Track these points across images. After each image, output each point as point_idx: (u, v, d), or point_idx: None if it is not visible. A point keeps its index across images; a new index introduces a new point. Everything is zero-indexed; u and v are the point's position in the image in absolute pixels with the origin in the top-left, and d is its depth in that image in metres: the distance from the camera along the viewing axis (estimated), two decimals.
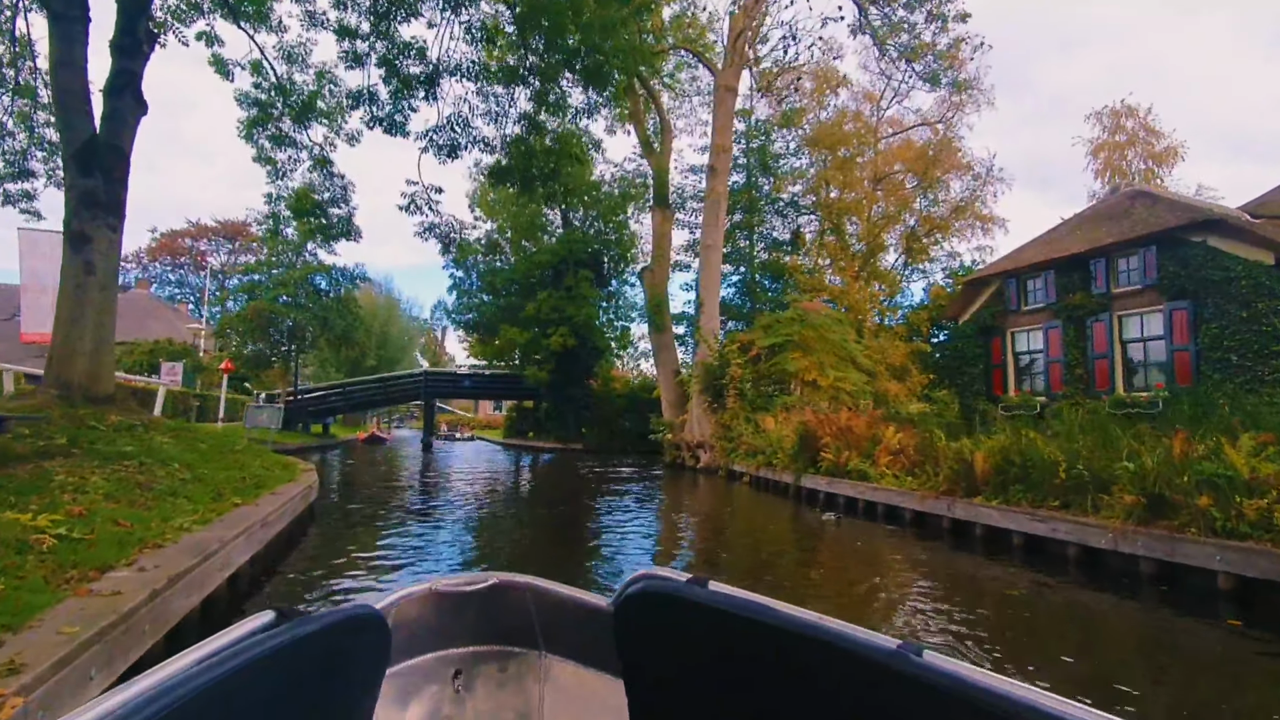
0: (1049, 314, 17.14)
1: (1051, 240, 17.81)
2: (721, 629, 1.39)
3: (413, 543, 8.76)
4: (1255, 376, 12.98)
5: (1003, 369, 18.34)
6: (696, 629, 1.47)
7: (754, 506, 13.61)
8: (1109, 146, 34.37)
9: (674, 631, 1.53)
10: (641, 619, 1.58)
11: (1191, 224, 14.30)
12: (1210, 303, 13.71)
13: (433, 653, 1.89)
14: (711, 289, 21.20)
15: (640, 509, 13.55)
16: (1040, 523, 7.91)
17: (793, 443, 14.32)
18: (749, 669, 1.37)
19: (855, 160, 27.50)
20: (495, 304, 32.87)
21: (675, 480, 19.22)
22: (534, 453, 31.98)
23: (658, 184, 25.42)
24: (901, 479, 10.92)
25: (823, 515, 11.68)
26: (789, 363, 19.76)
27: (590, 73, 13.12)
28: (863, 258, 27.65)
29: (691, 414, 21.07)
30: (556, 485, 19.22)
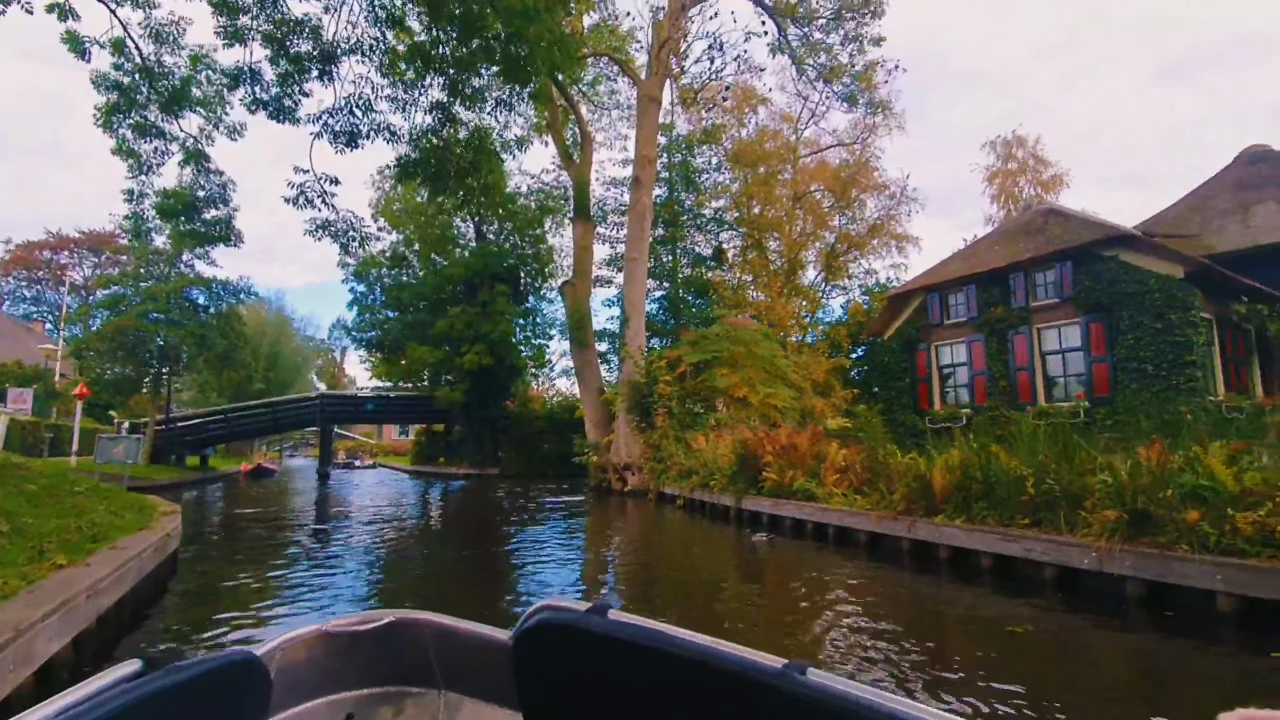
0: (971, 328, 17.33)
1: (971, 255, 18.12)
2: (619, 658, 1.41)
3: (302, 596, 7.13)
4: (1170, 386, 13.35)
5: (928, 383, 18.40)
6: (594, 659, 1.47)
7: (690, 532, 12.60)
8: (1003, 174, 36.60)
9: (572, 663, 1.53)
10: (541, 652, 1.57)
11: (1105, 240, 14.74)
12: (1125, 315, 14.08)
13: (323, 698, 1.82)
14: (637, 304, 20.29)
15: (563, 540, 12.25)
16: (1012, 542, 7.31)
17: (731, 462, 13.47)
18: (644, 697, 1.39)
19: (776, 178, 27.68)
20: (402, 321, 30.61)
21: (601, 505, 17.97)
22: (445, 480, 29.78)
23: (578, 195, 24.40)
24: (850, 498, 10.23)
25: (754, 537, 10.90)
26: (718, 379, 19.06)
27: (511, 63, 11.94)
28: (785, 274, 27.72)
29: (618, 434, 19.94)
30: (469, 515, 17.53)
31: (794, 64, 24.70)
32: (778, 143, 28.12)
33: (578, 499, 19.59)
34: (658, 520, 14.78)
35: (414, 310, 30.29)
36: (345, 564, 9.26)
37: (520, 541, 12.16)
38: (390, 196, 30.44)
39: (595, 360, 23.23)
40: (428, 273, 29.48)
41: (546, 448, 30.65)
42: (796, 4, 22.92)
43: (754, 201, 28.05)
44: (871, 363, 26.71)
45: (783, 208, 27.43)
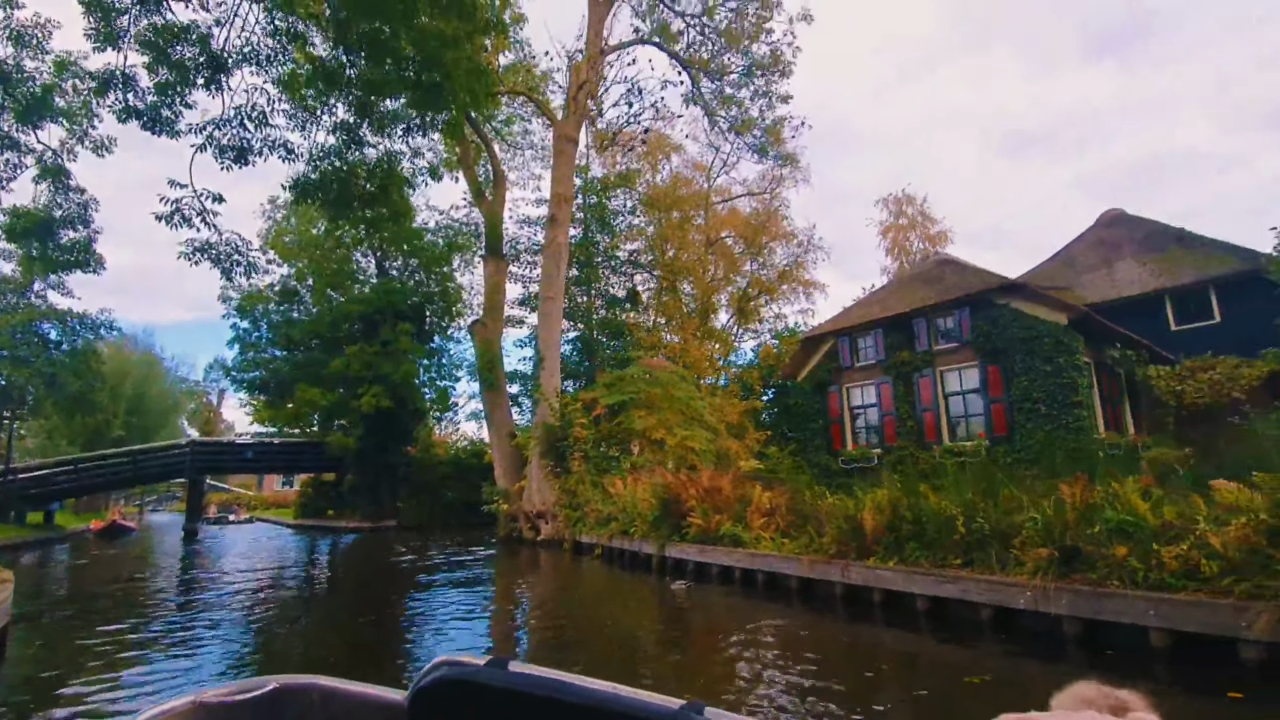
0: (880, 370, 17.92)
1: (877, 301, 18.90)
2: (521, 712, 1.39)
3: (159, 678, 5.90)
4: (1060, 425, 14.19)
5: (840, 424, 18.78)
6: (496, 714, 1.44)
7: (608, 584, 11.86)
8: (895, 228, 39.22)
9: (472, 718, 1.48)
10: (439, 710, 1.51)
11: (998, 288, 15.73)
12: (1018, 359, 14.96)
13: None
14: (552, 344, 19.64)
15: (468, 596, 11.23)
16: (949, 584, 7.19)
17: (652, 508, 12.92)
18: None
19: (689, 223, 28.21)
20: (290, 360, 28.25)
21: (512, 557, 16.82)
22: (334, 534, 27.25)
23: (490, 232, 23.70)
24: (778, 542, 9.94)
25: (672, 585, 10.40)
26: (634, 421, 18.62)
27: (426, 91, 11.33)
28: (698, 317, 28.00)
29: (530, 480, 18.95)
30: (362, 573, 15.91)
31: (707, 115, 25.52)
32: (690, 189, 28.81)
33: (485, 551, 18.30)
34: (573, 572, 13.92)
35: (305, 349, 28.06)
36: (213, 636, 7.90)
37: (419, 600, 11.00)
38: (282, 227, 28.43)
39: (506, 403, 22.22)
40: (322, 309, 27.51)
41: (451, 496, 28.88)
42: (709, 59, 23.79)
43: (668, 245, 28.41)
44: (785, 404, 27.20)
45: (696, 252, 27.92)
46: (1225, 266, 17.88)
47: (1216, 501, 6.14)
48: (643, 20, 23.81)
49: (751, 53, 22.25)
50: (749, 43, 21.94)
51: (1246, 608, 5.18)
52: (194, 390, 56.76)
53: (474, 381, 28.21)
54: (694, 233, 28.31)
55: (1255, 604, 5.13)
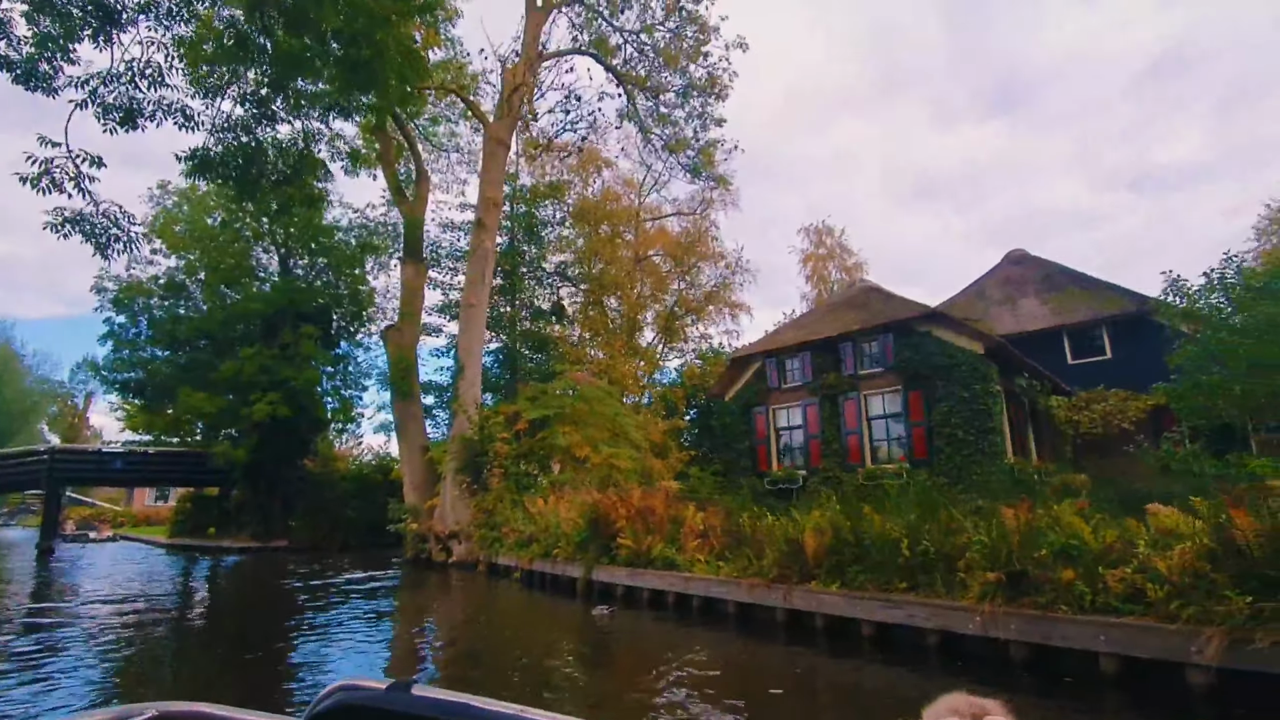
0: (806, 392, 18.07)
1: (805, 325, 19.15)
2: None
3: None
4: (977, 450, 14.66)
5: (767, 444, 18.76)
6: None
7: (528, 610, 11.04)
8: (815, 257, 40.58)
9: None
10: None
11: (920, 316, 16.22)
12: (939, 385, 15.41)
13: None
14: (473, 353, 18.61)
15: (370, 625, 10.23)
16: (894, 608, 6.96)
17: (579, 528, 12.22)
18: None
19: (618, 238, 27.90)
20: (173, 362, 25.55)
21: (420, 581, 15.58)
22: (216, 555, 24.63)
23: (410, 234, 22.42)
24: (713, 565, 9.51)
25: (594, 610, 9.88)
26: (559, 437, 17.88)
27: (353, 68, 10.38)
28: (624, 333, 27.60)
29: (444, 498, 17.74)
30: (246, 599, 14.26)
31: (641, 132, 25.41)
32: (620, 205, 28.58)
33: (390, 574, 16.90)
34: (488, 596, 12.96)
35: (192, 349, 25.46)
36: (68, 664, 6.60)
37: (313, 628, 9.84)
38: (172, 215, 25.80)
39: (420, 414, 20.88)
40: (214, 306, 25.07)
41: (352, 514, 26.83)
42: (646, 76, 23.75)
43: (596, 259, 27.95)
44: (707, 424, 27.11)
45: (625, 268, 27.61)
46: (1116, 307, 19.34)
47: (1153, 526, 6.24)
48: (580, 32, 23.54)
49: (689, 73, 22.37)
50: (687, 63, 22.04)
51: (1196, 633, 5.16)
52: (57, 392, 50.84)
53: (384, 391, 26.54)
54: (623, 249, 28.05)
55: (1205, 629, 5.13)
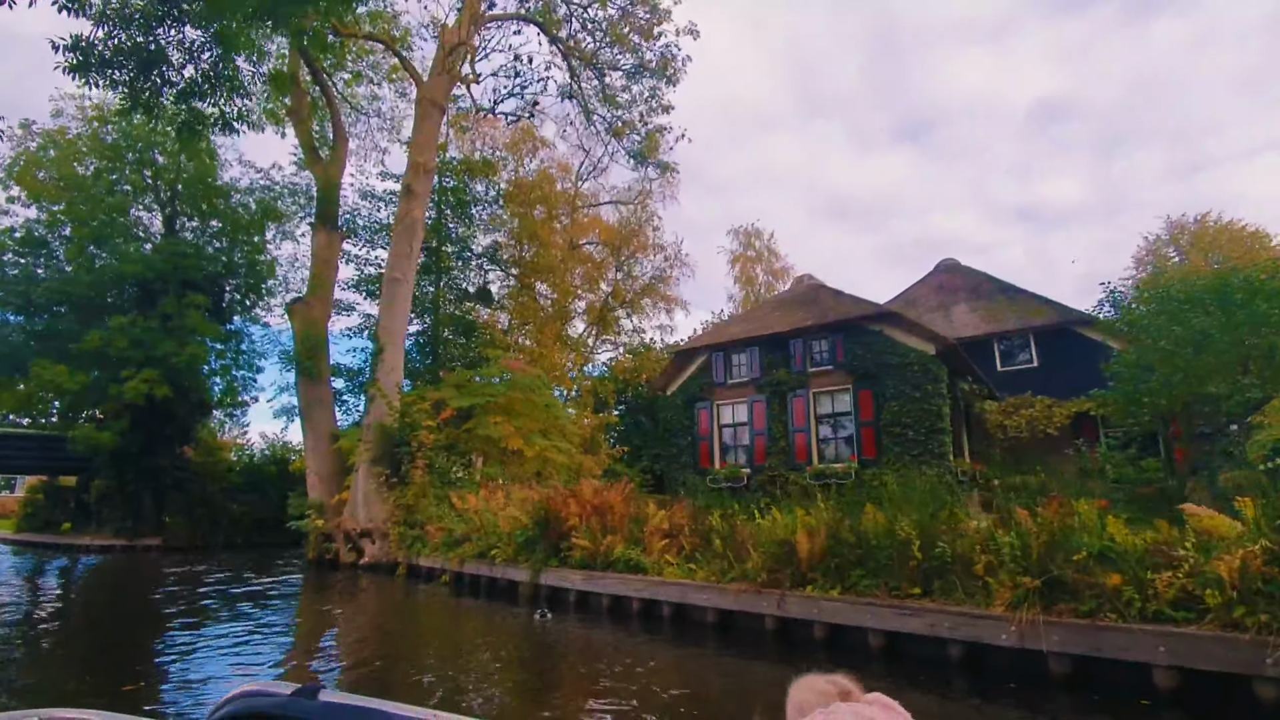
0: (753, 389, 17.47)
1: (752, 319, 18.57)
2: None
3: None
4: (926, 450, 14.49)
5: (710, 441, 18.01)
6: None
7: (462, 619, 9.63)
8: (743, 259, 40.66)
9: None
10: None
11: (873, 315, 15.96)
12: (890, 384, 15.17)
13: None
14: (395, 332, 16.73)
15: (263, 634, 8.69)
16: (912, 616, 6.22)
17: (521, 527, 10.90)
18: None
19: (552, 223, 26.47)
20: (25, 328, 21.81)
21: (325, 584, 13.67)
22: (72, 554, 21.21)
23: (323, 199, 20.11)
24: (683, 567, 8.52)
25: (536, 615, 8.91)
26: (489, 427, 16.40)
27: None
28: (556, 322, 26.21)
29: (355, 492, 15.79)
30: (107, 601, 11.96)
31: (583, 112, 24.20)
32: (556, 189, 27.17)
33: (288, 576, 14.83)
34: (408, 602, 11.40)
35: (50, 315, 21.79)
36: None
37: (190, 643, 8.09)
38: (35, 157, 22.00)
39: (329, 399, 18.67)
40: (80, 266, 21.54)
41: (239, 509, 23.97)
42: (593, 54, 22.57)
43: (528, 243, 26.37)
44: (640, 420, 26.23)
45: (558, 254, 26.20)
46: (1043, 318, 20.02)
47: (1194, 528, 5.81)
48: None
49: (640, 52, 21.38)
50: (640, 41, 21.04)
51: (1267, 642, 4.67)
52: None
53: (287, 371, 23.80)
54: (558, 234, 26.64)
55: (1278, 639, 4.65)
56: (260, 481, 24.99)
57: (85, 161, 23.06)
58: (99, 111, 23.35)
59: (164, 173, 23.76)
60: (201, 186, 24.09)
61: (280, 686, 1.37)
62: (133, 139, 22.99)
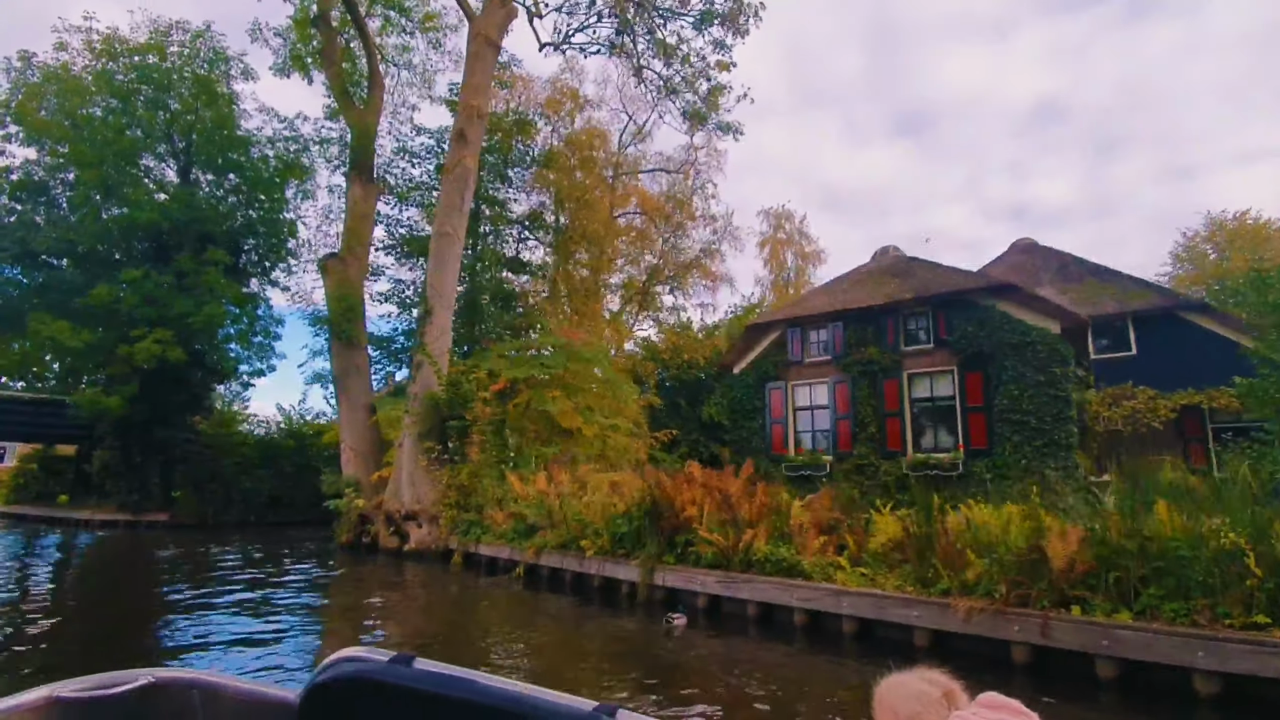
0: (836, 368, 15.79)
1: (834, 292, 16.84)
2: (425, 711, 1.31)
3: None
4: (1051, 441, 12.86)
5: (784, 424, 16.35)
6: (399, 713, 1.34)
7: (560, 625, 7.91)
8: (773, 241, 38.95)
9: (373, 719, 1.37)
10: (335, 710, 1.39)
11: (984, 288, 14.27)
12: (1008, 366, 13.50)
13: None
14: (445, 294, 14.92)
15: (293, 637, 6.93)
16: (1274, 656, 4.55)
17: (619, 515, 9.18)
18: None
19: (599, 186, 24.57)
20: (26, 280, 19.90)
21: (367, 574, 11.99)
22: (69, 530, 19.49)
23: (359, 147, 18.22)
24: (853, 574, 6.82)
25: (669, 619, 7.25)
26: (546, 402, 14.67)
27: None
28: (595, 296, 24.40)
29: (399, 469, 14.07)
30: (111, 592, 10.25)
31: (634, 69, 22.30)
32: (601, 149, 25.26)
33: (319, 562, 13.15)
34: (476, 598, 9.72)
35: (51, 268, 19.88)
36: None
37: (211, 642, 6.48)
38: (35, 87, 19.87)
39: (366, 366, 16.87)
40: (85, 215, 19.57)
41: (251, 485, 22.16)
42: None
43: (570, 209, 24.47)
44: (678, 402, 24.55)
45: (601, 221, 24.33)
46: (1143, 302, 18.32)
47: None
48: None
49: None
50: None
51: None
52: None
53: (318, 336, 21.92)
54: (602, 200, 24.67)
55: None
56: (275, 456, 23.19)
57: (92, 101, 21.02)
58: (108, 46, 21.31)
59: (180, 117, 21.73)
60: (220, 136, 22.07)
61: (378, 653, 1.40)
62: (148, 78, 20.98)
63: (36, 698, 1.41)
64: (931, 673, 1.12)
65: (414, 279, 23.14)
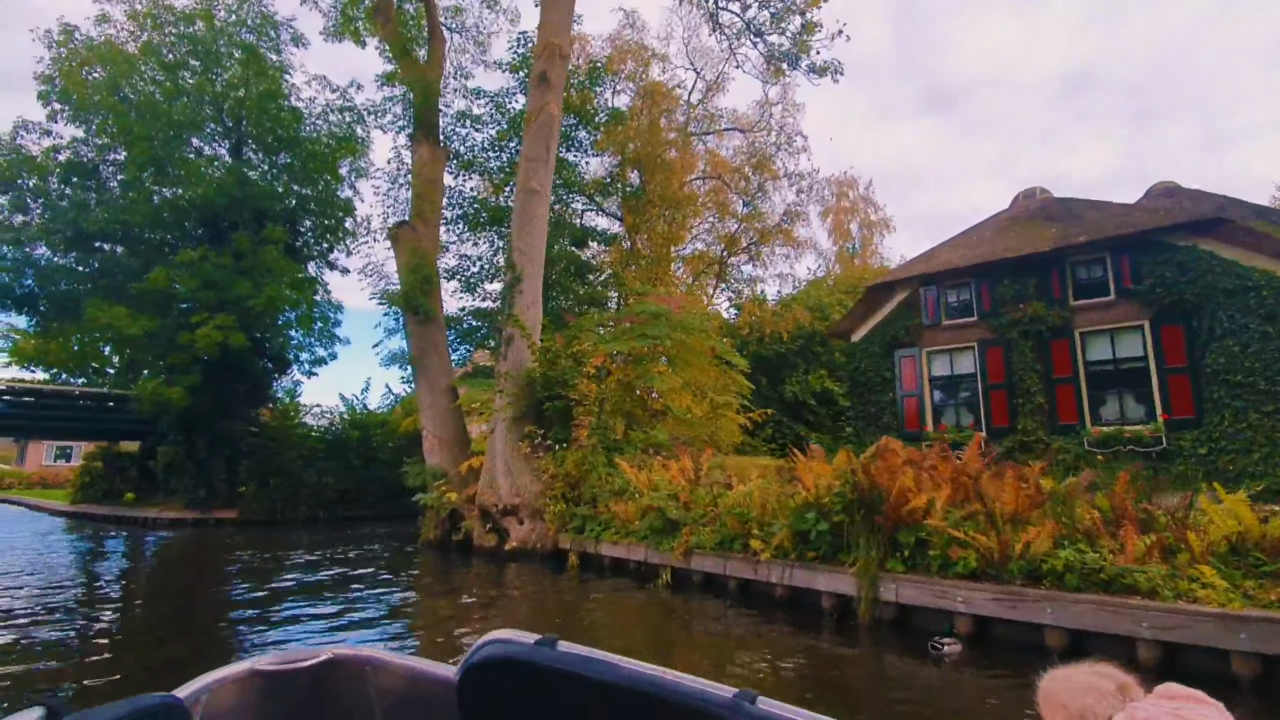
0: (984, 329, 13.56)
1: (976, 242, 14.54)
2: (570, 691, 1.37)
3: None
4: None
5: (918, 396, 14.20)
6: (545, 692, 1.43)
7: (757, 651, 6.03)
8: (836, 211, 36.40)
9: (522, 697, 1.47)
10: (488, 687, 1.51)
11: (1180, 225, 11.83)
12: (1223, 316, 11.10)
13: None
14: (534, 255, 13.12)
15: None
16: None
17: (806, 506, 7.24)
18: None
19: (675, 141, 22.48)
20: (75, 270, 18.77)
21: (462, 576, 10.34)
22: (136, 528, 18.49)
23: (423, 106, 16.51)
24: (1220, 591, 4.75)
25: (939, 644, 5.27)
26: (654, 379, 12.80)
27: None
28: (668, 266, 22.43)
29: (493, 457, 12.38)
30: (182, 592, 8.81)
31: (708, 12, 20.13)
32: (670, 112, 23.18)
33: (404, 562, 11.60)
34: (609, 609, 7.90)
35: (104, 252, 18.73)
36: None
37: None
38: (78, 54, 18.55)
39: (444, 345, 15.23)
40: (137, 197, 18.32)
41: (317, 479, 20.83)
42: None
43: (642, 172, 22.43)
44: (758, 379, 22.53)
45: (676, 185, 22.26)
46: None
47: None
48: None
49: None
50: None
51: None
52: None
53: (386, 315, 20.45)
54: (677, 158, 22.58)
55: None
56: (340, 448, 21.92)
57: (139, 75, 19.74)
58: (154, 21, 20.00)
59: (230, 92, 20.35)
60: (271, 109, 20.60)
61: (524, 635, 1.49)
62: (195, 50, 19.64)
63: (241, 669, 1.61)
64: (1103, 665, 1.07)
65: (480, 254, 21.49)
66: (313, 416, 23.69)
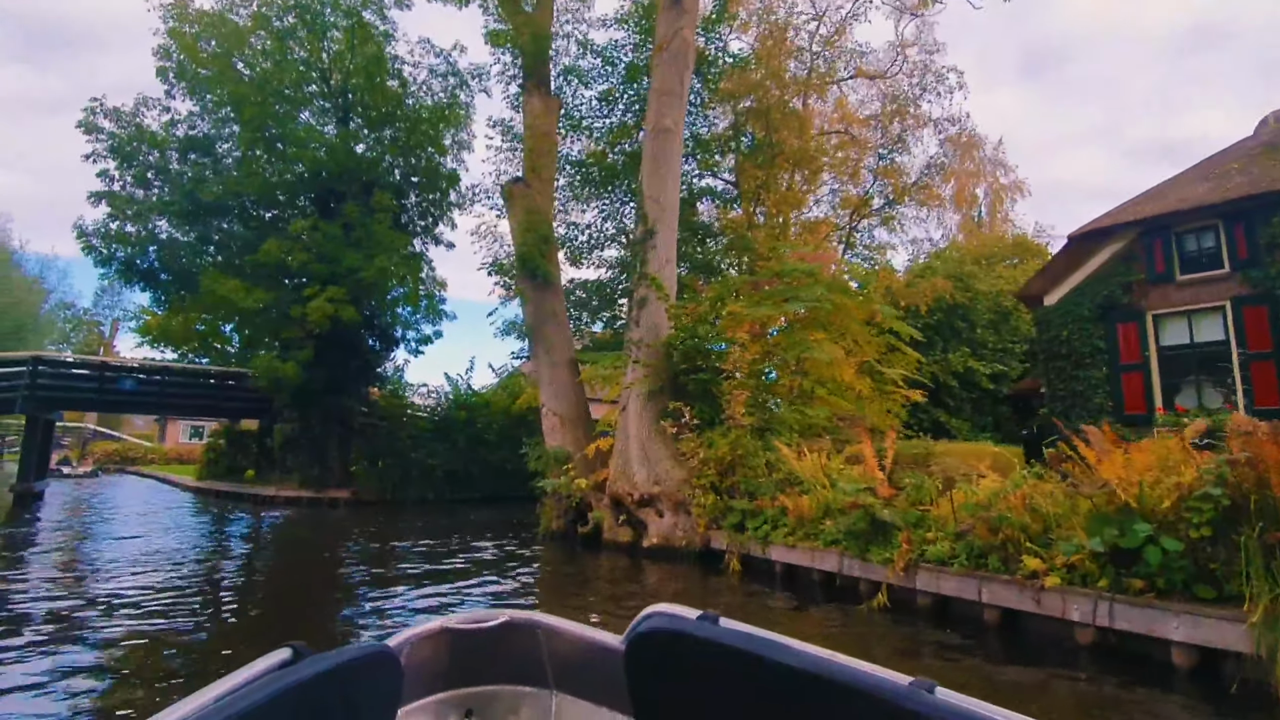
0: (1237, 282, 10.62)
1: (1218, 177, 11.49)
2: (732, 667, 1.37)
3: None
4: None
5: (1144, 370, 11.42)
6: (708, 666, 1.44)
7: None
8: (958, 174, 32.60)
9: (686, 669, 1.49)
10: (653, 657, 1.54)
11: None
12: None
13: (444, 692, 1.84)
14: (667, 205, 11.36)
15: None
16: None
17: (1153, 509, 5.09)
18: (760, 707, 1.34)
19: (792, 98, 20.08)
20: (196, 238, 18.62)
21: (598, 575, 8.79)
22: (255, 506, 18.37)
23: (534, 53, 15.00)
24: None
25: None
26: (811, 348, 10.69)
27: None
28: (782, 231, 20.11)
29: (626, 439, 10.76)
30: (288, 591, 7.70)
31: None
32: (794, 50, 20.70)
33: (523, 554, 10.20)
34: (808, 631, 5.99)
35: (220, 223, 18.53)
36: None
37: None
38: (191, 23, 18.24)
39: (564, 313, 13.82)
40: (251, 166, 17.95)
41: (426, 459, 20.07)
42: None
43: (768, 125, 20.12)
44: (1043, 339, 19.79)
45: (807, 135, 19.86)
46: None
47: None
48: None
49: None
50: None
51: None
52: (75, 317, 44.99)
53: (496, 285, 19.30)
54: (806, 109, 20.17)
55: None
56: (447, 429, 21.17)
57: (249, 49, 19.39)
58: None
59: (338, 62, 19.71)
60: (376, 80, 19.76)
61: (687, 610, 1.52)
62: (305, 18, 19.08)
63: (435, 626, 1.77)
64: None
65: (590, 222, 19.97)
66: (419, 396, 23.14)
